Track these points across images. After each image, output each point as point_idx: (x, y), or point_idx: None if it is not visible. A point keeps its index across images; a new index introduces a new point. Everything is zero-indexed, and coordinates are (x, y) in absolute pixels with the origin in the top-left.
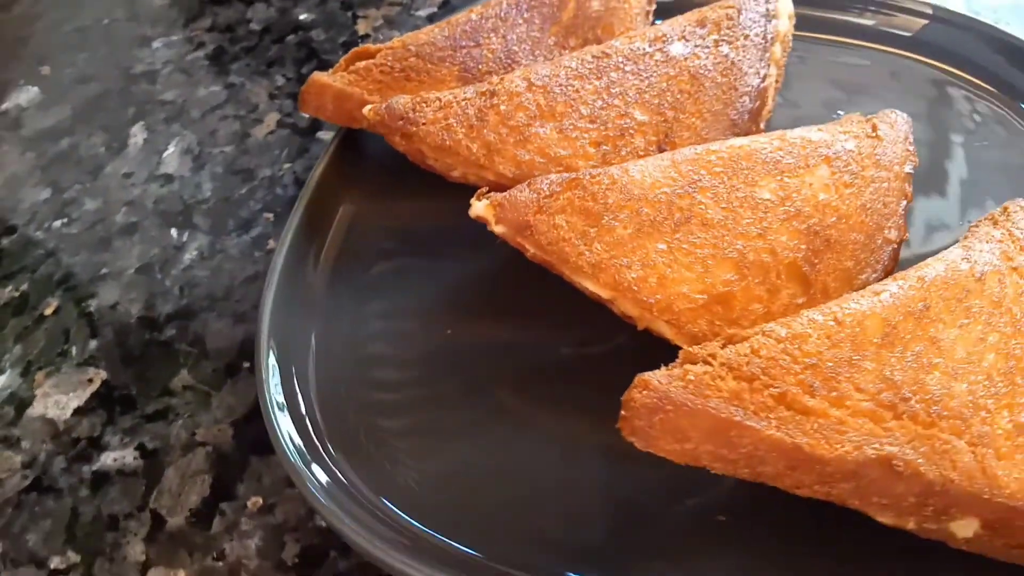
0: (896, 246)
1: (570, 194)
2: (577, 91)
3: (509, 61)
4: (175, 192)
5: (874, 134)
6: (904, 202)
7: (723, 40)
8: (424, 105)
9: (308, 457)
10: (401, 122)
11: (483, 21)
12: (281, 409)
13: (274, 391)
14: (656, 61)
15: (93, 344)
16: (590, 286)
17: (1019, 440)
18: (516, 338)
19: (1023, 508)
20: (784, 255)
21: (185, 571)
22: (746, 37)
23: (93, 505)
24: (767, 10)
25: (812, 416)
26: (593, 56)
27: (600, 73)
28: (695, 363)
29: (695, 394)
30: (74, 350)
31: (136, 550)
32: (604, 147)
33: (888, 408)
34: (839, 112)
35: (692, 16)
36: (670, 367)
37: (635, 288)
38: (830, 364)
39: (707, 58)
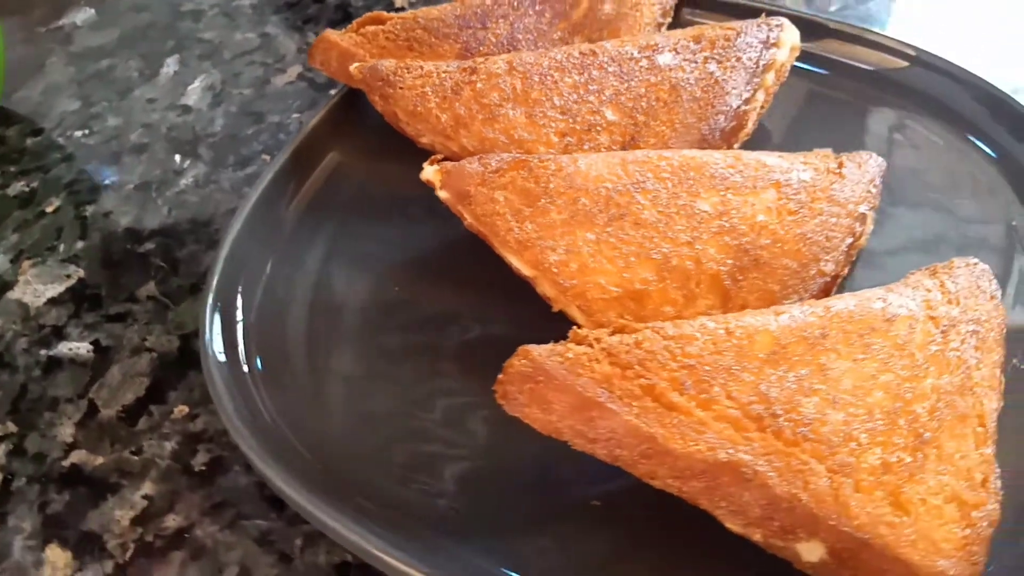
0: (830, 280)
1: (515, 173)
2: (555, 82)
3: (511, 47)
4: (189, 122)
5: (837, 170)
6: (850, 239)
7: (713, 58)
8: (406, 71)
9: (229, 376)
10: (380, 83)
11: (495, 6)
12: (216, 325)
13: (213, 306)
14: (641, 67)
15: (80, 245)
16: (514, 262)
17: (884, 478)
18: (459, 308)
19: (870, 542)
20: (708, 266)
21: (104, 458)
22: (738, 59)
23: (40, 386)
24: (768, 38)
25: (675, 412)
26: (580, 52)
27: (583, 69)
28: (580, 344)
29: (568, 370)
30: (62, 247)
31: (66, 432)
32: (568, 138)
33: (754, 420)
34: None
35: (690, 31)
36: (556, 343)
37: (555, 270)
38: (708, 368)
39: (692, 72)
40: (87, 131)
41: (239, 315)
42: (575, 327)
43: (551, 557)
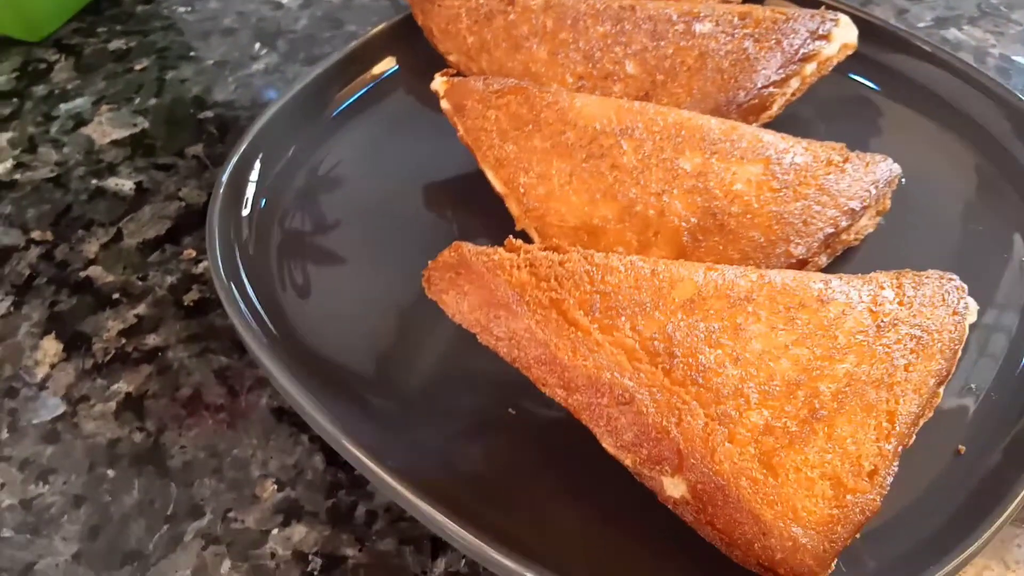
0: (796, 263)
1: (512, 97)
2: (586, 28)
3: None
4: (276, 17)
5: (839, 164)
6: (830, 230)
7: (752, 36)
8: None
9: (230, 231)
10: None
11: None
12: (232, 188)
13: (233, 174)
14: (676, 31)
15: (152, 101)
16: (490, 176)
17: (761, 438)
18: (444, 213)
19: (727, 489)
20: (670, 219)
21: (114, 277)
22: (777, 42)
23: (83, 208)
24: (818, 29)
25: (574, 328)
26: (620, 6)
27: (617, 21)
28: (509, 251)
29: (488, 269)
30: (137, 101)
31: (91, 249)
32: (583, 82)
33: (649, 354)
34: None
35: (741, 7)
36: (489, 247)
37: (522, 191)
38: (620, 299)
39: (725, 44)
40: (189, 8)
41: (252, 190)
42: (511, 236)
43: (467, 454)
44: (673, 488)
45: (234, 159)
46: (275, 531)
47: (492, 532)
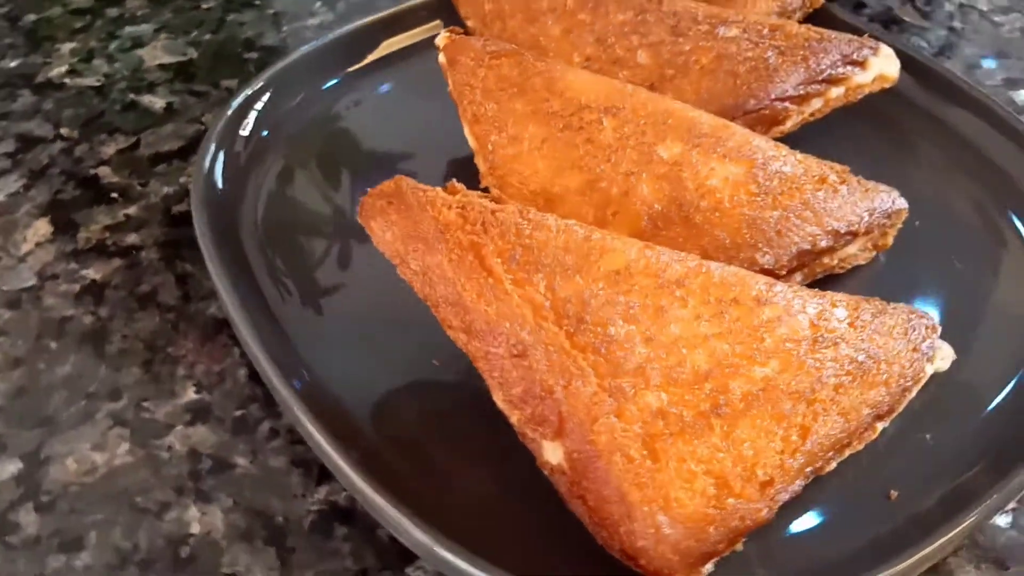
0: (758, 270)
1: (506, 60)
2: (606, 12)
3: None
4: None
5: (834, 184)
6: (806, 246)
7: (776, 47)
8: None
9: (225, 142)
10: None
11: None
12: (238, 113)
13: (243, 102)
14: (698, 31)
15: (207, 37)
16: (465, 131)
17: (651, 420)
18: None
19: (598, 462)
20: (633, 201)
21: (118, 179)
22: (803, 58)
23: (115, 116)
24: (853, 55)
25: (487, 274)
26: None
27: (640, 11)
28: (448, 192)
29: (418, 204)
30: (194, 34)
31: (108, 151)
32: (589, 63)
33: (557, 314)
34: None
35: (775, 21)
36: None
37: (490, 148)
38: (543, 256)
39: (746, 51)
40: None
41: (259, 107)
42: (454, 180)
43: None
44: (551, 453)
45: (247, 90)
46: (179, 427)
47: (377, 472)
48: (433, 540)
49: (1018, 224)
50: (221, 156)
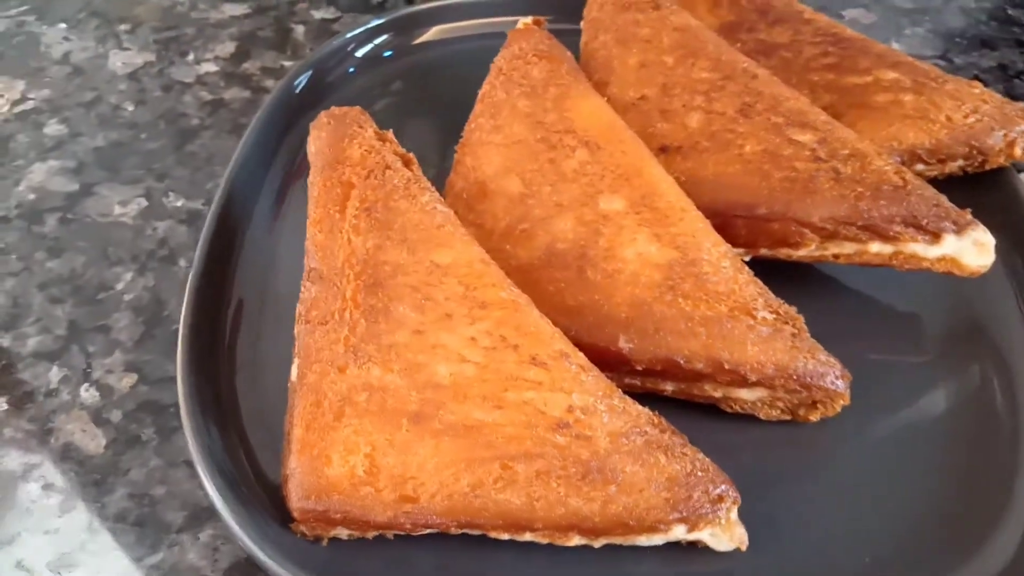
0: (614, 351)
1: (545, 63)
2: (692, 65)
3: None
4: None
5: (762, 321)
6: (678, 359)
7: (835, 172)
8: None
9: None
10: None
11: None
12: None
13: None
14: (766, 120)
15: None
16: None
17: (358, 390)
18: None
19: (299, 395)
20: (544, 230)
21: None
22: (857, 196)
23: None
24: (925, 221)
25: (338, 211)
26: (744, 68)
27: (725, 77)
28: (379, 139)
29: (344, 132)
30: None
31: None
32: (640, 103)
33: (365, 268)
34: None
35: (860, 147)
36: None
37: (474, 126)
38: (393, 222)
39: (800, 162)
40: None
41: None
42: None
43: None
44: (293, 370)
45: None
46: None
47: None
48: None
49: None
50: None
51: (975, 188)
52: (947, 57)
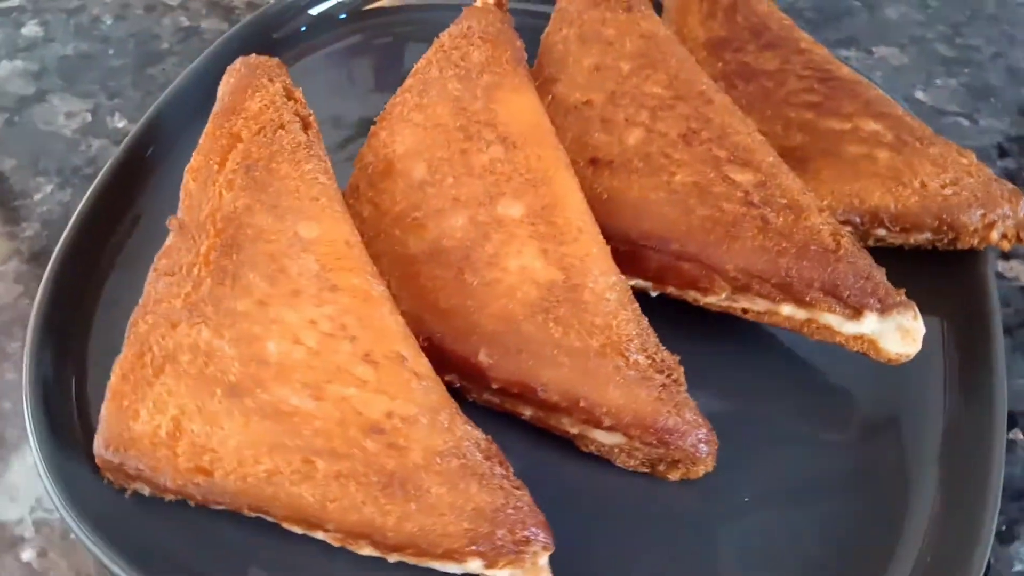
0: (473, 363)
1: (487, 48)
2: (646, 77)
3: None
4: None
5: (634, 367)
6: (529, 382)
7: (763, 221)
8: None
9: None
10: None
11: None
12: None
13: None
14: (706, 152)
15: None
16: None
17: (183, 349)
18: None
19: (128, 339)
20: (435, 224)
21: None
22: (779, 252)
23: None
24: (846, 294)
25: (218, 163)
26: (700, 91)
27: (677, 98)
28: (289, 97)
29: (251, 82)
30: None
31: None
32: (584, 108)
33: (224, 226)
34: None
35: (808, 200)
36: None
37: (396, 102)
38: (271, 185)
39: (728, 203)
40: None
41: None
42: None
43: None
44: None
45: None
46: None
47: None
48: None
49: None
50: None
51: (942, 265)
52: (973, 117)
